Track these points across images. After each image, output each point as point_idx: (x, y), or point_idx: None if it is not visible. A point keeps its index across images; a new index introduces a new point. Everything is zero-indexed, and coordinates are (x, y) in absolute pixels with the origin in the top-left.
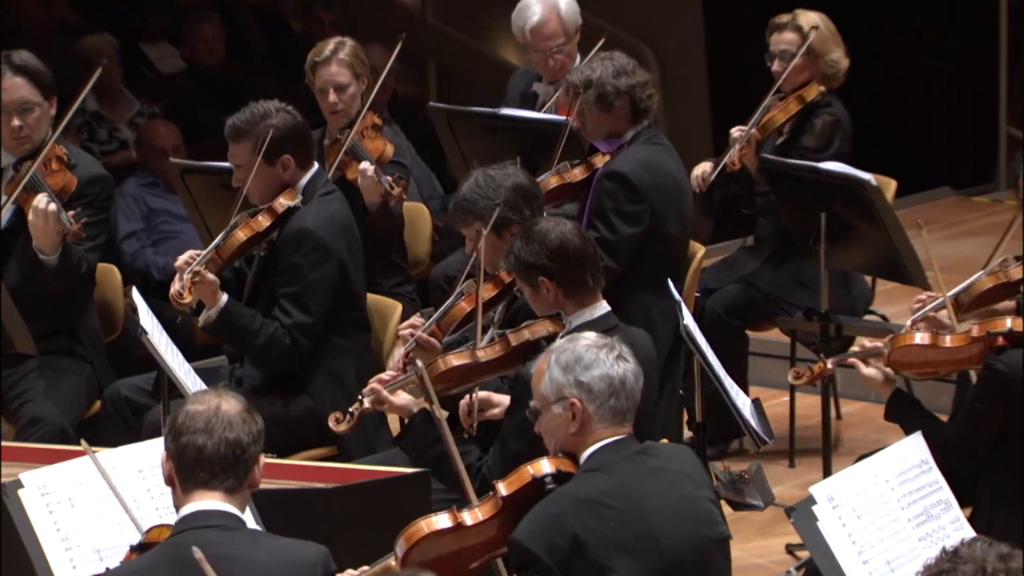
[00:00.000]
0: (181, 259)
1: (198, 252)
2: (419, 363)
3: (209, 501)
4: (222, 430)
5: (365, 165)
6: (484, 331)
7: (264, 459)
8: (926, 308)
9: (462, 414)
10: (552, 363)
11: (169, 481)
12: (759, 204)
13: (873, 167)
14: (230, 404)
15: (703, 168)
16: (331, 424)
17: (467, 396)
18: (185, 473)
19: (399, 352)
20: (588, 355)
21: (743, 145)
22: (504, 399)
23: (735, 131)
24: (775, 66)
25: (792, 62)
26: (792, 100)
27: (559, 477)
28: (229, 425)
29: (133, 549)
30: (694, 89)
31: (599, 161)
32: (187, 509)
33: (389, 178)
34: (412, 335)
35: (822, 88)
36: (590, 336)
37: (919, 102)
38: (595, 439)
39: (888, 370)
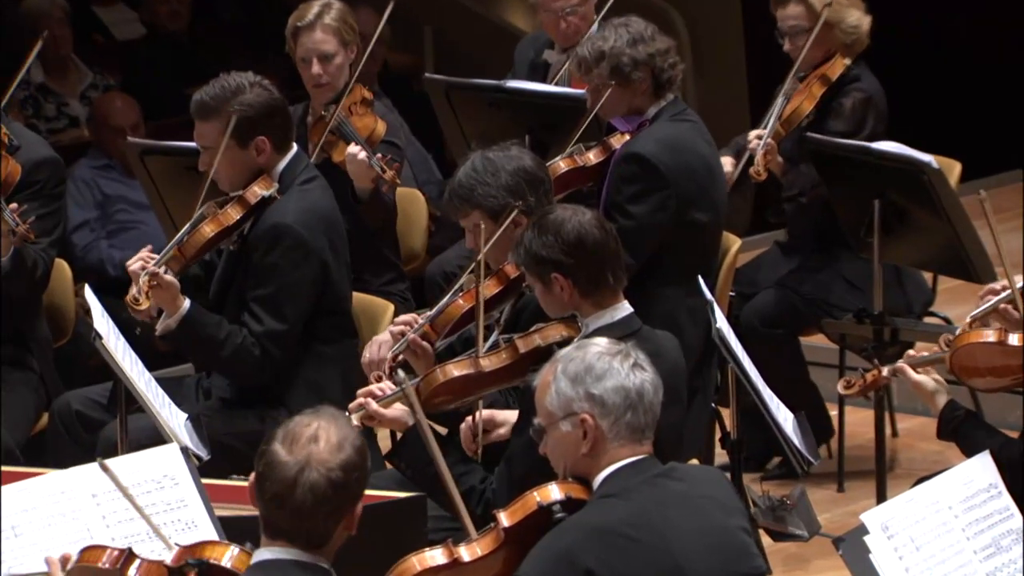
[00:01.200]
0: (136, 260)
1: (152, 256)
2: (401, 373)
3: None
4: (301, 494)
5: (354, 148)
6: (486, 335)
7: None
8: (994, 300)
9: (464, 438)
10: (559, 374)
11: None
12: (788, 212)
13: (931, 147)
14: (323, 455)
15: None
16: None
17: (468, 418)
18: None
19: (385, 348)
20: (600, 364)
21: (766, 150)
22: (511, 415)
23: (753, 138)
24: (786, 45)
25: (806, 42)
26: (815, 82)
27: (569, 504)
28: (309, 488)
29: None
30: (729, 56)
31: (617, 142)
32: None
33: (379, 156)
34: (404, 334)
35: (847, 61)
36: (601, 342)
37: (983, 69)
38: (610, 460)
39: (939, 377)
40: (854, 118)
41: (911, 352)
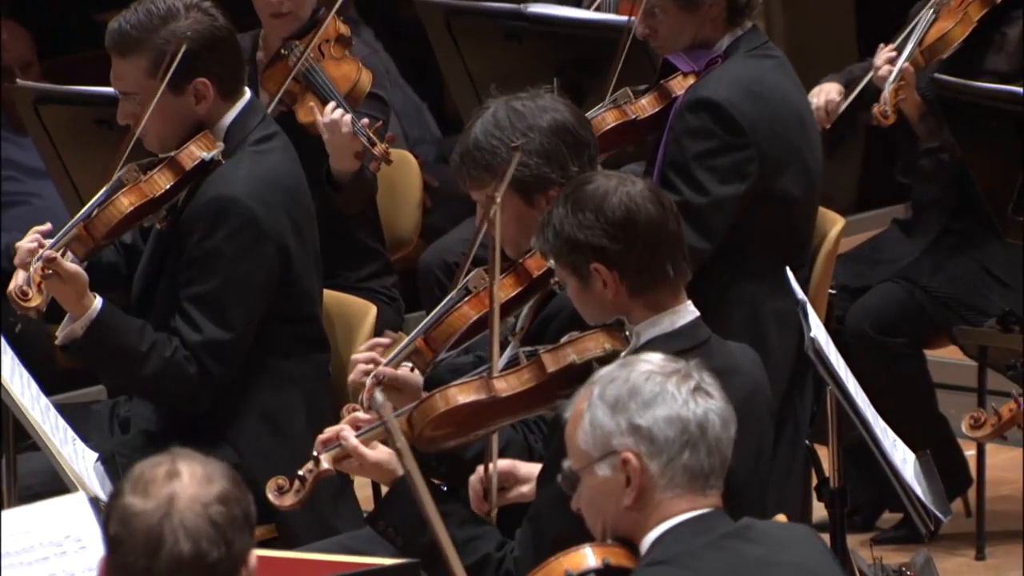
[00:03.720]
0: (27, 240)
1: (44, 236)
2: (380, 397)
3: None
4: (173, 544)
5: (334, 112)
6: (501, 348)
7: (255, 555)
8: None
9: (473, 498)
10: (595, 400)
11: None
12: (923, 169)
13: None
14: (190, 489)
15: (826, 93)
16: (270, 495)
17: (479, 469)
18: None
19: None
20: (649, 386)
21: (897, 84)
22: (536, 470)
23: (882, 58)
24: None
25: None
26: (973, 1)
27: (608, 574)
28: (184, 533)
29: None
30: None
31: (678, 86)
32: None
33: (365, 121)
34: (370, 372)
35: None
36: (653, 359)
37: None
38: (662, 516)
39: None
40: (1020, 56)
41: None
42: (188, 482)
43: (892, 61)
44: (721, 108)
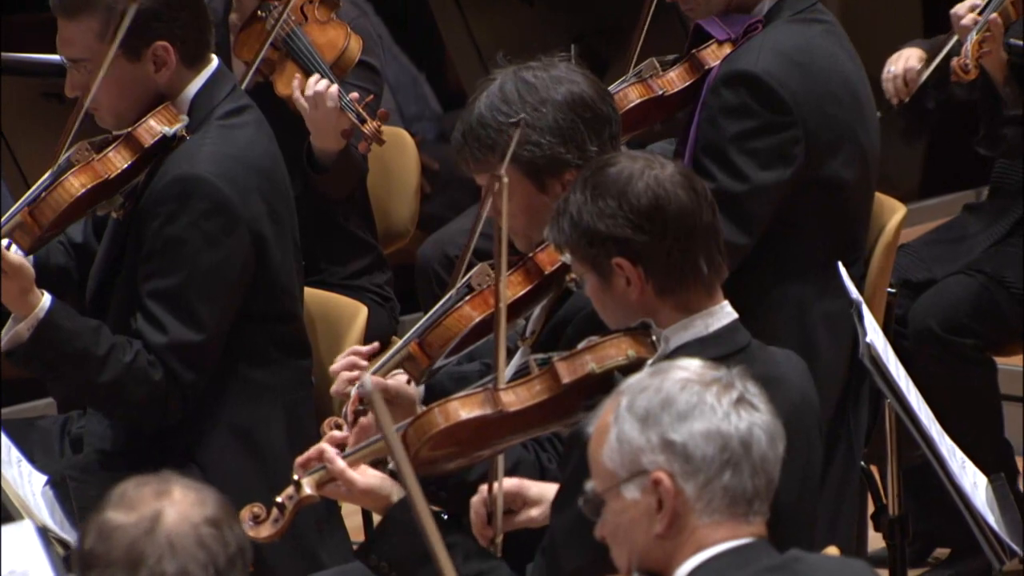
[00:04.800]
0: None
1: None
2: (367, 380)
3: None
4: (156, 562)
5: (319, 84)
6: (509, 354)
7: None
8: None
9: (475, 521)
10: (622, 412)
11: None
12: (1008, 138)
13: None
14: (180, 507)
15: (905, 60)
16: (245, 525)
17: (482, 488)
18: None
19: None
20: (685, 397)
21: (982, 35)
22: (547, 489)
23: (965, 5)
24: None
25: None
26: None
27: None
28: (169, 552)
29: None
30: None
31: (712, 56)
32: None
33: (354, 95)
34: (355, 381)
35: None
36: (689, 365)
37: None
38: (698, 545)
39: None
40: None
41: None
42: (179, 500)
43: (975, 8)
44: (762, 82)
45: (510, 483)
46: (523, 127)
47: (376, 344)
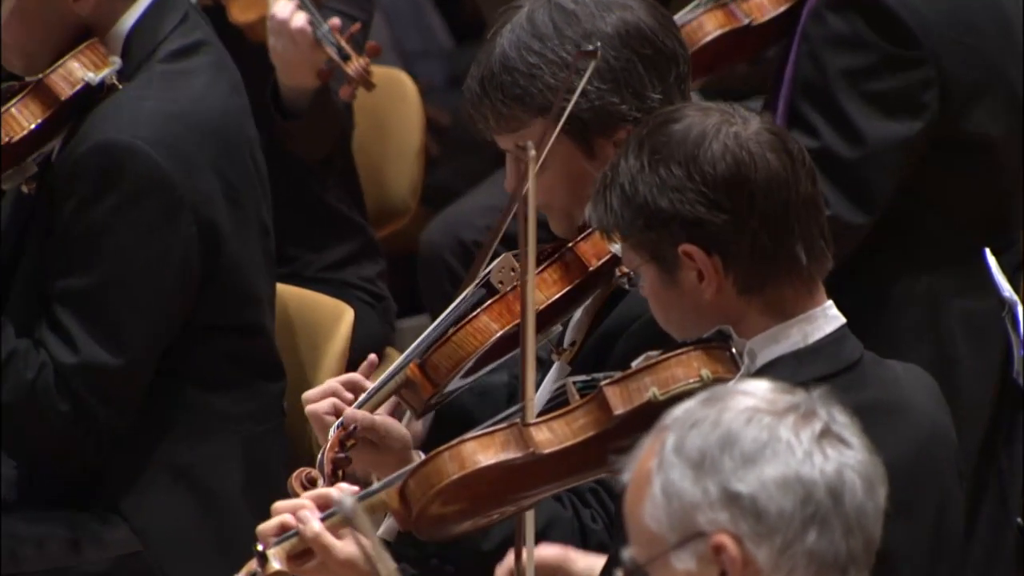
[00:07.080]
0: None
1: None
2: (344, 491)
3: None
4: None
5: (287, 13)
6: (542, 374)
7: None
8: None
9: None
10: (668, 456)
11: None
12: None
13: None
14: None
15: None
16: None
17: (508, 557)
18: None
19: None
20: (751, 433)
21: None
22: (597, 564)
23: None
24: None
25: None
26: None
27: None
28: None
29: None
30: None
31: None
32: None
33: (334, 21)
34: (339, 417)
35: None
36: (755, 390)
37: None
38: None
39: None
40: None
41: None
42: None
43: None
44: (881, 4)
45: (548, 552)
46: (594, 96)
47: (373, 357)
